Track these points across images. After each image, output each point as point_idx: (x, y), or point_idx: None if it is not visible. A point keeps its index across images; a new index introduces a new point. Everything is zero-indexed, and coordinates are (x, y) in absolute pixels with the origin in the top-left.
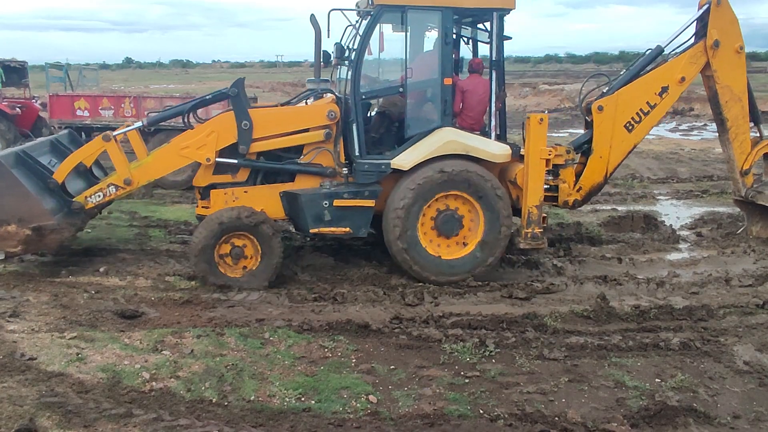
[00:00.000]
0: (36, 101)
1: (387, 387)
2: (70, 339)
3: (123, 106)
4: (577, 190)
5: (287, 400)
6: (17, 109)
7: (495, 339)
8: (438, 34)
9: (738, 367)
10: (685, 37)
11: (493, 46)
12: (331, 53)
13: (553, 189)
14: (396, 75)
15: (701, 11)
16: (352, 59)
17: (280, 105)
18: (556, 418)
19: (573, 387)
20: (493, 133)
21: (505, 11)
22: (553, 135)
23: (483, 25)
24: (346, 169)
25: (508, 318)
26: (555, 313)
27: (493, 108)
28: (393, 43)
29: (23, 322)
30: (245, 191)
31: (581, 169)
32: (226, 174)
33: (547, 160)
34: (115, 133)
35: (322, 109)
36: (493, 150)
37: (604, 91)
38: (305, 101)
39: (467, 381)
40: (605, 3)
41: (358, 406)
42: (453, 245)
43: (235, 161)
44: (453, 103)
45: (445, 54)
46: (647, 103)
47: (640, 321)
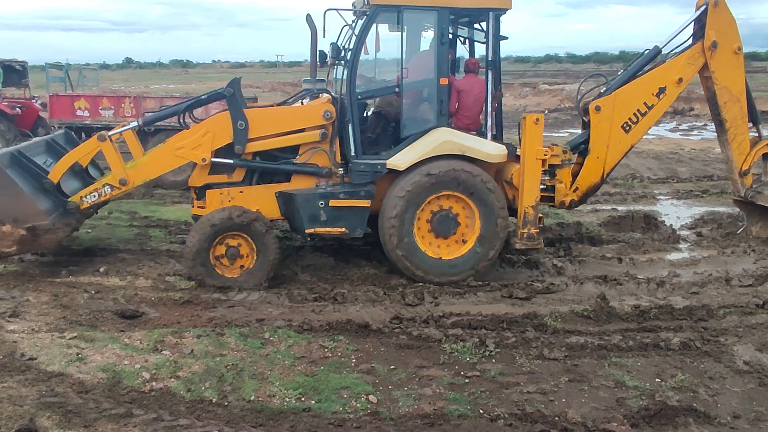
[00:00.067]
0: (36, 101)
1: (387, 387)
2: (70, 339)
3: (123, 106)
4: (574, 191)
5: (287, 400)
6: (17, 109)
7: (495, 339)
8: (434, 34)
9: (738, 367)
10: (683, 38)
11: (489, 46)
12: (327, 53)
13: (550, 189)
14: (392, 75)
15: (699, 12)
16: (348, 59)
17: (276, 105)
18: (556, 418)
19: (573, 387)
20: (489, 133)
21: (501, 11)
22: (554, 135)
23: (479, 25)
24: (341, 170)
25: (508, 318)
26: (555, 312)
27: (489, 108)
28: (389, 43)
29: (23, 322)
30: (241, 191)
31: (578, 170)
32: (222, 174)
33: (543, 161)
34: (110, 133)
35: (317, 109)
36: (489, 150)
37: (602, 91)
38: (301, 101)
39: (467, 381)
40: (605, 3)
41: (358, 406)
42: (452, 244)
43: (231, 161)
44: (449, 103)
45: (441, 54)
46: (644, 103)
47: (641, 321)
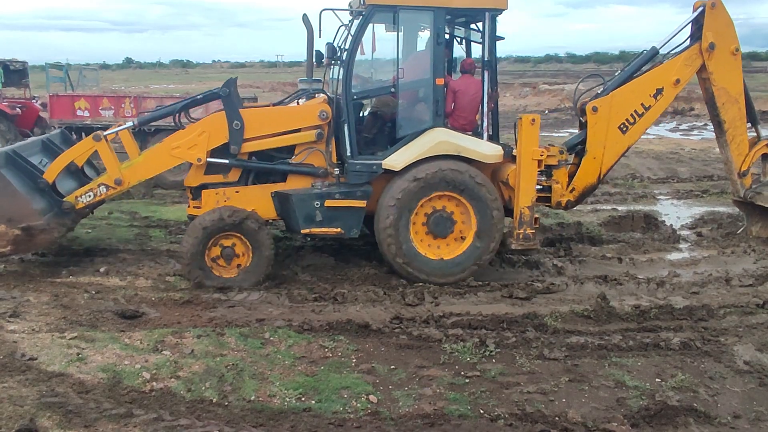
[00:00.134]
0: (36, 101)
1: (387, 387)
2: (71, 339)
3: (123, 106)
4: (570, 191)
5: (287, 400)
6: (17, 109)
7: (495, 339)
8: (430, 34)
9: (738, 367)
10: (681, 39)
11: (486, 47)
12: (324, 53)
13: (547, 190)
14: (388, 75)
15: (696, 14)
16: (344, 59)
17: (272, 105)
18: (557, 418)
19: (573, 387)
20: (485, 134)
21: (498, 11)
22: (554, 135)
23: (476, 26)
24: (337, 170)
25: (508, 318)
26: (555, 312)
27: (485, 108)
28: (385, 43)
29: (24, 322)
30: (237, 191)
31: (574, 170)
32: (218, 174)
33: (540, 161)
34: (106, 132)
35: (313, 110)
36: (485, 150)
37: (599, 92)
38: (297, 101)
39: (467, 381)
40: (605, 3)
41: (359, 406)
42: (452, 243)
43: (227, 161)
44: (445, 103)
45: (437, 54)
46: (642, 104)
47: (641, 321)
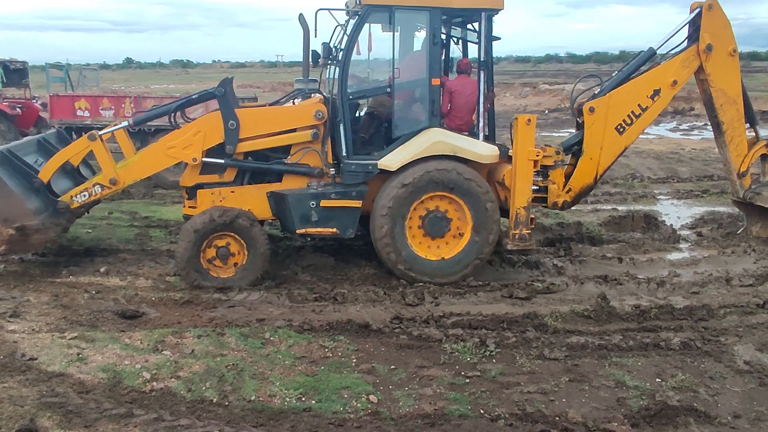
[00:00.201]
0: (36, 101)
1: (387, 387)
2: (71, 339)
3: (123, 106)
4: (567, 192)
5: (288, 400)
6: (18, 109)
7: (495, 339)
8: (426, 34)
9: (738, 367)
10: (678, 40)
11: (482, 47)
12: (320, 53)
13: (543, 190)
14: (384, 75)
15: (693, 15)
16: (340, 59)
17: (268, 105)
18: (557, 418)
19: (573, 387)
20: (481, 134)
21: (494, 11)
22: (554, 135)
23: (472, 26)
24: (333, 170)
25: (508, 318)
26: (555, 312)
27: (481, 108)
28: (381, 43)
29: (24, 322)
30: (232, 191)
31: (571, 171)
32: (213, 174)
33: (536, 161)
34: (101, 132)
35: (309, 109)
36: (481, 150)
37: (596, 92)
38: (293, 101)
39: (468, 381)
40: (605, 3)
41: (359, 405)
42: (451, 241)
43: (222, 161)
44: (441, 103)
45: (433, 54)
46: (639, 105)
47: (641, 321)
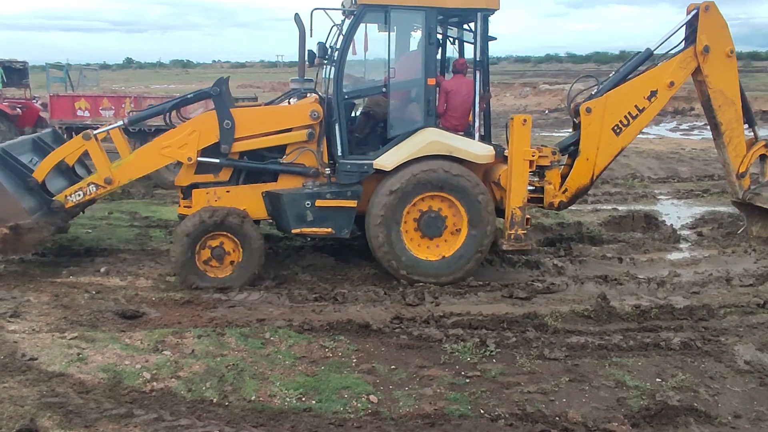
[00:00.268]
0: (37, 101)
1: (388, 387)
2: (71, 339)
3: (123, 106)
4: (563, 192)
5: (288, 400)
6: (18, 109)
7: (496, 339)
8: (422, 34)
9: (739, 367)
10: (675, 41)
11: (477, 47)
12: (316, 53)
13: (539, 190)
14: (380, 75)
15: (690, 16)
16: (336, 59)
17: (263, 104)
18: (557, 418)
19: (574, 387)
20: (476, 134)
21: (490, 11)
22: (554, 135)
23: (468, 26)
24: (329, 169)
25: (508, 318)
26: (556, 312)
27: (477, 109)
28: (377, 42)
29: (24, 322)
30: (227, 191)
31: (567, 171)
32: (209, 173)
33: (531, 162)
34: (96, 131)
35: (304, 109)
36: (476, 150)
37: (593, 93)
38: (288, 101)
39: (468, 381)
40: (605, 3)
41: (359, 406)
42: (449, 238)
43: (217, 161)
44: (436, 103)
45: (428, 54)
46: (635, 106)
47: (641, 321)
